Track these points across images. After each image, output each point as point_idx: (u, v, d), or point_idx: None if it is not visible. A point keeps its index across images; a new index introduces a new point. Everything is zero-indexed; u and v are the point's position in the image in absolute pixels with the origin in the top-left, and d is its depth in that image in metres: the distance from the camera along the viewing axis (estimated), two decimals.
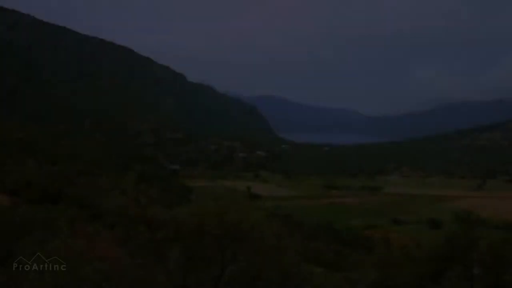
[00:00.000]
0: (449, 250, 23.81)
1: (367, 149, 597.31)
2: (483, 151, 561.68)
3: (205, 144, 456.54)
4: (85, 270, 12.18)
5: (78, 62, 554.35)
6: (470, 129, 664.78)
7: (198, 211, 13.45)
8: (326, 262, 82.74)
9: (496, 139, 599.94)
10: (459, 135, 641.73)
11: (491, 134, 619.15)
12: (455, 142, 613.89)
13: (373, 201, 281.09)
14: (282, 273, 13.57)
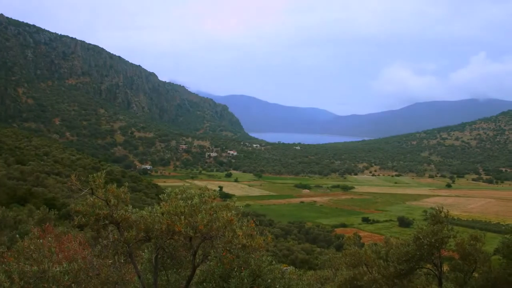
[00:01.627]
0: (418, 249, 23.91)
1: (338, 148, 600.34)
2: (452, 151, 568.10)
3: (176, 143, 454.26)
4: (54, 271, 12.00)
5: (48, 61, 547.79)
6: (440, 129, 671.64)
7: (168, 211, 13.30)
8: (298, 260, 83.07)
9: (465, 138, 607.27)
10: (429, 134, 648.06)
11: (460, 133, 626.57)
12: (425, 141, 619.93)
13: (344, 200, 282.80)
14: (253, 273, 13.49)
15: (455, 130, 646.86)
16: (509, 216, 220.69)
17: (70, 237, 15.56)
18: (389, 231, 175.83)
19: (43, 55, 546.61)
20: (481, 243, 24.97)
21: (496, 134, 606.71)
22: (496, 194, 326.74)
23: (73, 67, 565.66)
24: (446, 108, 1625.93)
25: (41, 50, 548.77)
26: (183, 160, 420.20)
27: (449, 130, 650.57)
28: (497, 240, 27.28)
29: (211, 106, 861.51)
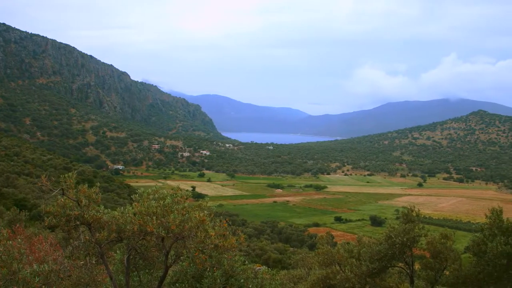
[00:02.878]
0: (390, 247, 24.07)
1: (311, 148, 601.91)
2: (424, 150, 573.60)
3: (148, 143, 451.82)
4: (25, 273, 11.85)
5: (18, 60, 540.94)
6: (411, 128, 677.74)
7: (140, 211, 13.22)
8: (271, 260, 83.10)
9: (436, 138, 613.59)
10: (400, 134, 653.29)
11: (432, 133, 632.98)
12: (397, 141, 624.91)
13: (317, 199, 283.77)
14: (226, 273, 13.47)
15: (427, 130, 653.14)
16: (479, 214, 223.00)
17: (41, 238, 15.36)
18: (362, 230, 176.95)
19: (13, 54, 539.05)
20: (451, 242, 25.22)
21: (467, 134, 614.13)
22: (466, 193, 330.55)
23: (44, 66, 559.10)
24: (417, 108, 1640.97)
25: (11, 49, 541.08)
26: (156, 160, 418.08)
27: (421, 130, 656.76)
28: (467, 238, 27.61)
29: (183, 106, 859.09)
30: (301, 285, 30.38)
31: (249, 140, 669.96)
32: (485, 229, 22.28)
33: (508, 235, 20.73)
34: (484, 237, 21.65)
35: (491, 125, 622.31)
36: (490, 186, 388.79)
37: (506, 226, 21.53)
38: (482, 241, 21.56)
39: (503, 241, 20.41)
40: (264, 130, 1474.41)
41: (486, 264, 21.27)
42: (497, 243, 20.40)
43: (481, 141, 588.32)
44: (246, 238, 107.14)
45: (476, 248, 22.02)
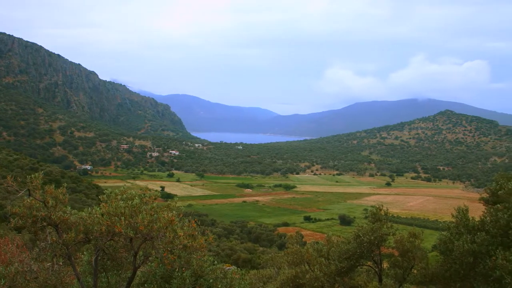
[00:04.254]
0: (358, 246, 24.21)
1: (280, 147, 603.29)
2: (392, 150, 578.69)
3: (117, 143, 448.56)
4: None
5: None
6: (380, 128, 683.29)
7: (108, 211, 13.11)
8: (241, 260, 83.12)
9: (404, 137, 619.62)
10: (369, 134, 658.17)
11: (400, 133, 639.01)
12: (365, 140, 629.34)
13: (286, 199, 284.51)
14: (195, 273, 13.42)
15: (395, 129, 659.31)
16: (446, 213, 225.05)
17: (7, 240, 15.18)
18: (331, 230, 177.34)
19: None
20: (419, 240, 25.44)
21: (434, 133, 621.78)
22: (434, 192, 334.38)
23: (10, 65, 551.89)
24: (386, 108, 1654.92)
25: None
26: (124, 160, 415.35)
27: (389, 130, 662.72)
28: (435, 237, 27.85)
29: (152, 105, 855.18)
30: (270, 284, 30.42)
31: (218, 140, 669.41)
32: (451, 227, 22.50)
33: (474, 233, 20.97)
34: (451, 235, 21.86)
35: (458, 125, 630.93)
36: (457, 185, 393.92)
37: (472, 225, 21.78)
38: (449, 239, 21.77)
39: (469, 239, 20.64)
40: (234, 130, 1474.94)
41: (453, 262, 21.49)
42: (463, 241, 20.62)
43: (448, 140, 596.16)
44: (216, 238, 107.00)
45: (443, 246, 22.22)
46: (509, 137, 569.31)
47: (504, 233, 20.40)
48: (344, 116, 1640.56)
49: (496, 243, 20.34)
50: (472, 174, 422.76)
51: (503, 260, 18.59)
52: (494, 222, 20.84)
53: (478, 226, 21.62)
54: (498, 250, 19.27)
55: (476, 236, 20.68)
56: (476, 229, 21.46)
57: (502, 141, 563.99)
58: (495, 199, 22.28)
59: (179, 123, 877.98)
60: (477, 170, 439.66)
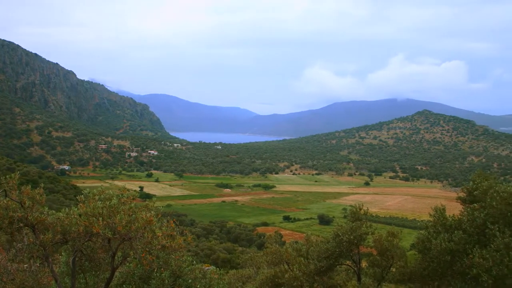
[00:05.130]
0: (337, 246, 24.29)
1: (259, 147, 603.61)
2: (371, 149, 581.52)
3: (95, 143, 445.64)
4: None
5: None
6: (358, 128, 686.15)
7: (86, 212, 13.02)
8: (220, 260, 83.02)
9: (383, 137, 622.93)
10: (348, 133, 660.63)
11: (378, 132, 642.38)
12: (344, 140, 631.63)
13: (265, 198, 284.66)
14: (174, 273, 13.39)
15: (373, 129, 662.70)
16: (424, 212, 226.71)
17: None
18: (310, 229, 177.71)
19: None
20: (398, 239, 25.59)
21: (412, 133, 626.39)
22: (412, 191, 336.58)
23: None
24: (365, 108, 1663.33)
25: None
26: (103, 160, 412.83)
27: (368, 130, 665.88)
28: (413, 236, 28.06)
29: (131, 105, 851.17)
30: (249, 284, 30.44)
31: (197, 139, 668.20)
32: (429, 226, 22.68)
33: (452, 232, 21.15)
34: (429, 234, 22.02)
35: (435, 125, 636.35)
36: (435, 184, 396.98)
37: (450, 224, 21.95)
38: (427, 238, 21.93)
39: (447, 238, 20.81)
40: (213, 130, 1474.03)
41: (430, 260, 21.65)
42: (441, 240, 20.78)
43: (426, 140, 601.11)
44: (195, 238, 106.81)
45: (421, 245, 22.38)
46: (486, 137, 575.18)
47: (480, 231, 20.59)
48: (323, 116, 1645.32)
49: (473, 241, 20.53)
50: (449, 173, 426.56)
51: (479, 258, 18.75)
52: (471, 221, 21.03)
53: (455, 225, 21.80)
54: (475, 249, 19.45)
55: (453, 235, 20.86)
56: (453, 228, 21.64)
57: (479, 140, 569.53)
58: (472, 198, 22.50)
59: (158, 123, 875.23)
60: (455, 170, 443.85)
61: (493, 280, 18.37)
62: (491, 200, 20.30)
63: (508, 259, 18.34)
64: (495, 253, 18.61)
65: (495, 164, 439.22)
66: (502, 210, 19.94)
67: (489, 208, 20.35)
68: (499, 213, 20.01)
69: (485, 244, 19.85)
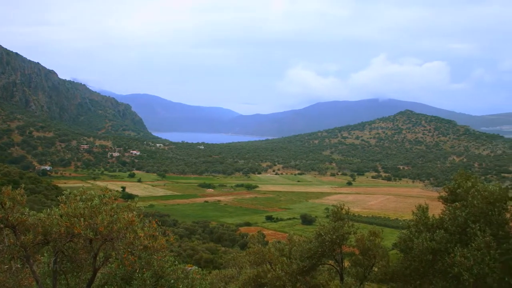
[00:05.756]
0: (320, 245, 24.34)
1: (242, 147, 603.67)
2: (353, 149, 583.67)
3: (77, 143, 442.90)
4: None
5: None
6: (341, 128, 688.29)
7: (67, 212, 12.93)
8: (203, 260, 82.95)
9: (365, 137, 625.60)
10: (330, 133, 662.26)
11: (361, 132, 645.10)
12: (326, 140, 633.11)
13: (248, 198, 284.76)
14: (156, 274, 13.34)
15: (356, 129, 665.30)
16: (406, 212, 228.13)
17: None
18: (293, 229, 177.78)
19: None
20: (380, 239, 25.71)
21: (394, 133, 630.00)
22: (394, 191, 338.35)
23: None
24: (347, 108, 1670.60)
25: None
26: (85, 160, 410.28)
27: (350, 129, 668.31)
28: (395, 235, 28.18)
29: (113, 105, 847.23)
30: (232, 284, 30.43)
31: (180, 139, 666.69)
32: (411, 226, 22.81)
33: (433, 231, 21.27)
34: (411, 233, 22.15)
35: (417, 125, 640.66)
36: (417, 184, 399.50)
37: (431, 223, 22.09)
38: (409, 237, 22.06)
39: (429, 237, 20.93)
40: (195, 130, 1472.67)
41: (412, 260, 21.77)
42: (422, 239, 20.91)
43: (408, 140, 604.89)
44: (177, 239, 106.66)
45: (403, 244, 22.50)
46: (467, 137, 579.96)
47: (462, 230, 20.73)
48: (305, 116, 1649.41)
49: (454, 240, 20.67)
50: (431, 173, 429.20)
51: (461, 257, 18.89)
52: (453, 220, 21.16)
53: (437, 224, 21.94)
54: (456, 248, 19.58)
55: (435, 234, 20.99)
56: (435, 227, 21.77)
57: (461, 140, 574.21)
58: (454, 197, 22.64)
59: (140, 123, 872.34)
60: (436, 169, 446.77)
61: (474, 279, 18.52)
62: (472, 199, 20.46)
63: (489, 258, 18.50)
64: (476, 252, 18.76)
65: (476, 164, 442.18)
66: (483, 209, 20.11)
67: (471, 207, 20.50)
68: (480, 212, 20.17)
69: (466, 243, 19.99)
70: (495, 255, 18.70)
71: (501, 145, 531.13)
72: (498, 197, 20.40)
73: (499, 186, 21.36)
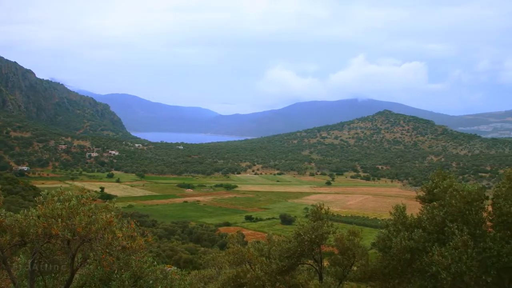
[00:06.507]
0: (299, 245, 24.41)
1: (221, 147, 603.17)
2: (332, 149, 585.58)
3: (55, 143, 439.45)
4: None
5: None
6: (320, 128, 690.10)
7: (45, 213, 12.83)
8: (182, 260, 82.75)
9: (344, 137, 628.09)
10: (309, 133, 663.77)
11: (340, 132, 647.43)
12: (306, 140, 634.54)
13: (227, 198, 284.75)
14: (134, 274, 13.28)
15: (335, 129, 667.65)
16: (385, 211, 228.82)
17: None
18: (272, 229, 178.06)
19: None
20: (359, 238, 25.86)
21: (373, 133, 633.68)
22: (373, 190, 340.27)
23: None
24: (326, 108, 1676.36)
25: None
26: (63, 160, 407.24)
27: (329, 129, 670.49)
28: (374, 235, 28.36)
29: (91, 105, 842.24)
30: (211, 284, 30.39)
31: (159, 140, 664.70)
32: (390, 225, 22.93)
33: (411, 230, 21.41)
34: (389, 232, 22.26)
35: (396, 125, 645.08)
36: (395, 183, 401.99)
37: (410, 222, 22.22)
38: (387, 236, 22.17)
39: (407, 236, 21.06)
40: (174, 130, 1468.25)
41: (391, 259, 21.89)
42: (401, 238, 21.03)
43: (386, 140, 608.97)
44: (156, 239, 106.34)
45: (382, 243, 22.61)
46: (445, 137, 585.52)
47: (440, 229, 20.88)
48: (284, 116, 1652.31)
49: (432, 239, 20.81)
50: (409, 172, 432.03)
51: (439, 256, 19.02)
52: (430, 219, 21.31)
53: (415, 223, 22.08)
54: (434, 247, 19.71)
55: (413, 233, 21.12)
56: (413, 226, 21.91)
57: (438, 140, 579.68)
58: (431, 197, 22.79)
59: (119, 123, 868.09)
60: (415, 169, 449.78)
61: (452, 277, 18.66)
62: (450, 198, 20.62)
63: (466, 257, 18.65)
64: (454, 251, 18.91)
65: (454, 164, 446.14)
66: (461, 208, 20.28)
67: (448, 207, 20.66)
68: (458, 211, 20.33)
69: (444, 242, 20.14)
70: (472, 254, 18.86)
71: (478, 145, 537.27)
72: (475, 197, 20.59)
73: (476, 185, 21.57)
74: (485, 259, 19.31)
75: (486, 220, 20.84)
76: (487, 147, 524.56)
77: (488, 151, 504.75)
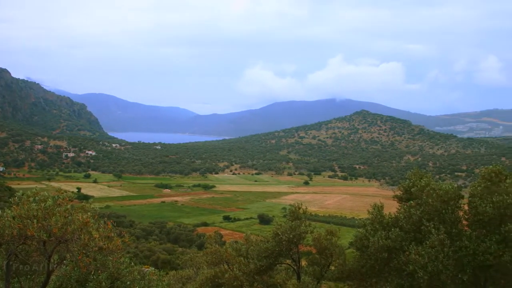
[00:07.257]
0: (277, 245, 24.44)
1: (199, 147, 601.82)
2: (310, 149, 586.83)
3: (31, 143, 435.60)
4: None
5: None
6: (297, 128, 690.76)
7: (20, 214, 12.68)
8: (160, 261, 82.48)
9: (322, 137, 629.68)
10: (287, 133, 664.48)
11: (317, 132, 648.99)
12: (283, 140, 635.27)
13: (205, 199, 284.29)
14: (111, 275, 13.20)
15: (312, 129, 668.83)
16: (362, 210, 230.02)
17: None
18: (250, 229, 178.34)
19: None
20: (336, 238, 25.95)
21: (351, 133, 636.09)
22: (350, 190, 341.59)
23: None
24: (304, 108, 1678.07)
25: None
26: (39, 161, 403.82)
27: (307, 129, 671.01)
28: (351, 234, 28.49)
29: (68, 104, 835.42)
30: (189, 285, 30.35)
31: (136, 139, 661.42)
32: (367, 224, 23.06)
33: (389, 229, 21.54)
34: (367, 232, 22.39)
35: (373, 125, 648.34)
36: (373, 183, 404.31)
37: (387, 221, 22.36)
38: (365, 236, 22.29)
39: (384, 235, 21.19)
40: (152, 130, 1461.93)
41: (368, 258, 22.01)
42: (378, 237, 21.15)
43: (364, 140, 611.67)
44: (134, 240, 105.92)
45: (359, 243, 22.74)
46: (422, 136, 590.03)
47: (416, 228, 21.04)
48: (262, 116, 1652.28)
49: (409, 238, 20.96)
50: (387, 172, 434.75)
51: (416, 255, 19.16)
52: (407, 218, 21.45)
53: (392, 223, 22.21)
54: (411, 245, 19.86)
55: (390, 232, 21.24)
56: (391, 225, 22.05)
57: (415, 140, 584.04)
58: (408, 196, 22.95)
59: (96, 123, 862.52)
60: (392, 169, 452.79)
61: (429, 276, 18.80)
62: (427, 197, 20.78)
63: (442, 256, 18.81)
64: (431, 250, 19.06)
65: (430, 163, 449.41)
66: (438, 207, 20.44)
67: (425, 206, 20.82)
68: (434, 210, 20.50)
69: (421, 240, 20.29)
70: (449, 253, 19.03)
71: (454, 145, 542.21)
72: (451, 196, 20.77)
73: (452, 185, 21.76)
74: (461, 257, 19.50)
75: (462, 219, 21.04)
76: (463, 146, 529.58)
77: (464, 151, 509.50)
